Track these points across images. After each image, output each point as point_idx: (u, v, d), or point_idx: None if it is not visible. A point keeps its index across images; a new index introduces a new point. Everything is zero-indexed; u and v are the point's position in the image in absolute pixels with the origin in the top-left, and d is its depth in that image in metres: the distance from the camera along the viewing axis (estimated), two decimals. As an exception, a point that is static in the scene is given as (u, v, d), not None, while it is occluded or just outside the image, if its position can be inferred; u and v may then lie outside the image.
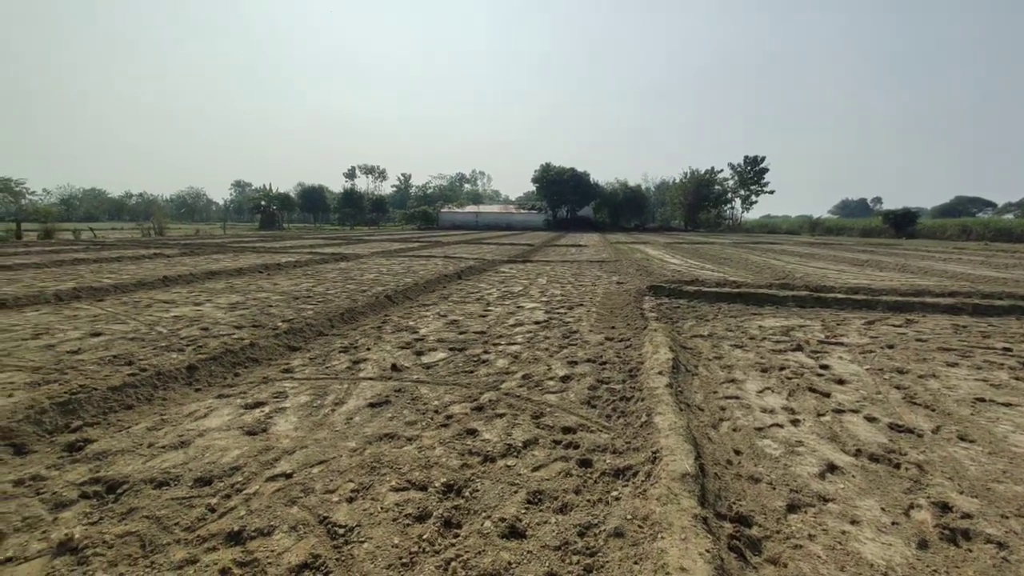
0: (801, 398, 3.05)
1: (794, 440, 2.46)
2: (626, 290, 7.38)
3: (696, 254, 16.48)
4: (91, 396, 2.72)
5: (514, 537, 1.67)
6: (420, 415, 2.69)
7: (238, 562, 1.54)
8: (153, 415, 2.68)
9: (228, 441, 2.36)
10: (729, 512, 1.83)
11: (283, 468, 2.10)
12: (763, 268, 11.39)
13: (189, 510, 1.81)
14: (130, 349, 3.78)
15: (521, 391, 3.08)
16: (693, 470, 1.95)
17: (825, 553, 1.62)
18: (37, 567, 1.52)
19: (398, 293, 6.67)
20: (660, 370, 3.28)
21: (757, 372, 3.56)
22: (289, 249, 15.48)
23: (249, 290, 7.04)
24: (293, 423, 2.58)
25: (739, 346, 4.29)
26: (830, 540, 1.69)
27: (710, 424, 2.65)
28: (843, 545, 1.66)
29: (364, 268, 10.24)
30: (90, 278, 7.82)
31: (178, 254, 12.94)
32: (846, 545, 1.66)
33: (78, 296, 6.25)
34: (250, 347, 3.81)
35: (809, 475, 2.12)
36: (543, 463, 2.18)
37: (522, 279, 8.98)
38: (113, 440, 2.36)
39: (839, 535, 1.71)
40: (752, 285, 7.62)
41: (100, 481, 1.99)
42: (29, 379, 3.07)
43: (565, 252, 16.65)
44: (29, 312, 5.28)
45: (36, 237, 20.92)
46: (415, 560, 1.55)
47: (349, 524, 1.72)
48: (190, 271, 8.93)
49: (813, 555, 1.61)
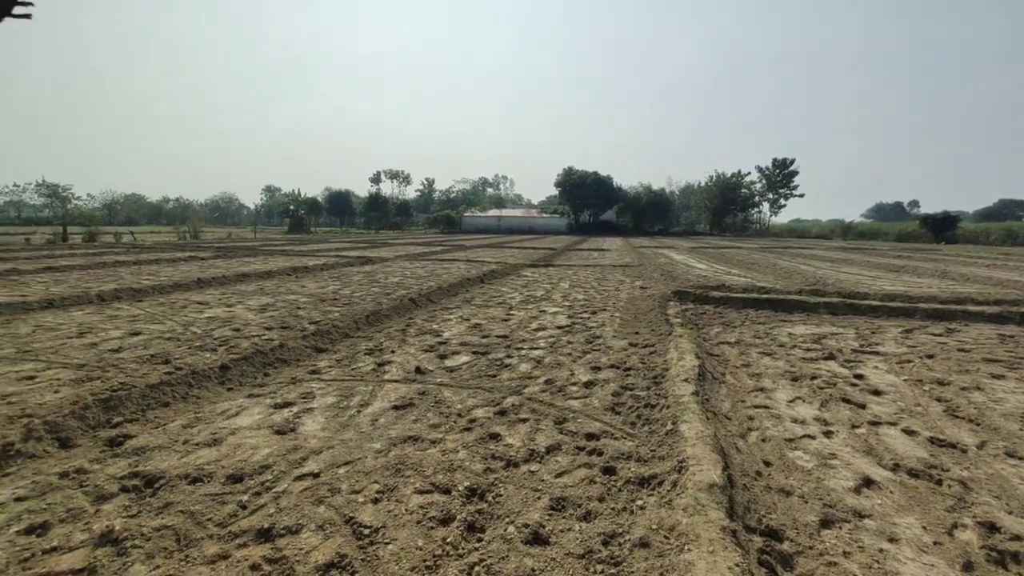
0: (834, 409, 2.95)
1: (827, 452, 2.38)
2: (650, 295, 7.28)
3: (722, 259, 16.15)
4: (131, 393, 2.83)
5: (538, 544, 1.66)
6: (444, 418, 2.71)
7: (268, 559, 1.57)
8: (188, 413, 2.77)
9: (258, 440, 2.42)
10: (759, 525, 1.78)
11: (311, 468, 2.15)
12: (792, 273, 11.08)
13: (221, 506, 1.86)
14: (167, 348, 3.93)
15: (544, 396, 3.07)
16: (721, 481, 1.91)
17: (862, 572, 1.56)
18: (80, 557, 1.59)
19: (422, 296, 6.74)
20: (686, 377, 3.22)
21: (787, 381, 3.46)
22: (316, 252, 15.84)
23: (278, 292, 7.23)
24: (320, 423, 2.63)
25: (768, 354, 4.18)
26: (867, 558, 1.62)
27: (738, 434, 2.58)
28: (881, 564, 1.59)
29: (388, 271, 10.39)
30: (130, 280, 8.16)
31: (211, 257, 13.39)
32: (884, 564, 1.59)
33: (119, 297, 6.53)
34: (279, 348, 3.91)
35: (844, 489, 2.05)
36: (566, 469, 2.16)
37: (544, 283, 8.96)
38: (151, 436, 2.45)
39: (877, 553, 1.65)
40: (781, 291, 7.42)
41: (139, 475, 2.07)
42: (74, 376, 3.22)
43: (587, 256, 16.55)
44: (75, 312, 5.54)
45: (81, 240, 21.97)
46: (439, 563, 1.56)
47: (374, 525, 1.74)
48: (223, 273, 9.23)
49: (848, 573, 1.55)
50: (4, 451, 2.19)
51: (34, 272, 9.05)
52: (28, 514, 1.80)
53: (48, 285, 7.39)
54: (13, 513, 1.81)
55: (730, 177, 60.37)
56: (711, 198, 60.50)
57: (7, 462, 2.16)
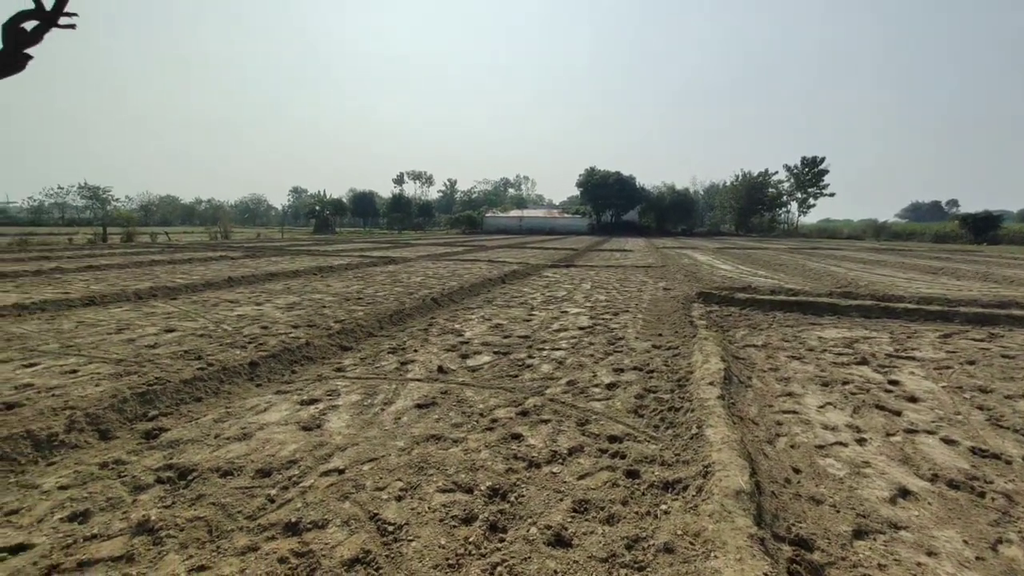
0: (867, 415, 2.85)
1: (860, 460, 2.30)
2: (673, 296, 7.17)
3: (748, 260, 15.79)
4: (165, 388, 2.93)
5: (560, 546, 1.65)
6: (466, 418, 2.73)
7: (295, 552, 1.61)
8: (219, 407, 2.86)
9: (286, 435, 2.48)
10: (788, 534, 1.73)
11: (336, 464, 2.19)
12: (822, 275, 10.76)
13: (251, 499, 1.91)
14: (199, 345, 4.06)
15: (566, 397, 3.05)
16: (748, 487, 1.87)
17: (898, 585, 1.50)
18: (118, 545, 1.65)
19: (443, 296, 6.80)
20: (711, 380, 3.16)
21: (817, 386, 3.36)
22: (341, 252, 16.14)
23: (304, 291, 7.39)
24: (345, 421, 2.67)
25: (797, 357, 4.06)
26: (904, 572, 1.56)
27: (766, 439, 2.52)
28: (919, 578, 1.53)
29: (411, 271, 10.51)
30: (164, 278, 8.46)
31: (241, 256, 13.78)
32: (922, 578, 1.53)
33: (154, 295, 6.78)
34: (306, 346, 4.00)
35: (878, 499, 1.97)
36: (589, 471, 2.15)
37: (566, 284, 8.92)
38: (184, 430, 2.54)
39: (915, 567, 1.58)
40: (810, 293, 7.21)
41: (173, 468, 2.14)
42: (113, 370, 3.35)
43: (609, 257, 16.41)
44: (113, 309, 5.78)
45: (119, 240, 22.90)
46: (461, 562, 1.57)
47: (398, 522, 1.76)
48: (252, 272, 9.48)
49: (884, 586, 1.50)
50: (49, 441, 2.30)
51: (76, 271, 9.47)
52: (71, 502, 1.89)
53: (89, 283, 7.72)
54: (57, 500, 1.90)
55: (757, 176, 58.97)
56: (737, 198, 59.20)
57: (52, 452, 2.27)
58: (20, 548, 1.63)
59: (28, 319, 5.10)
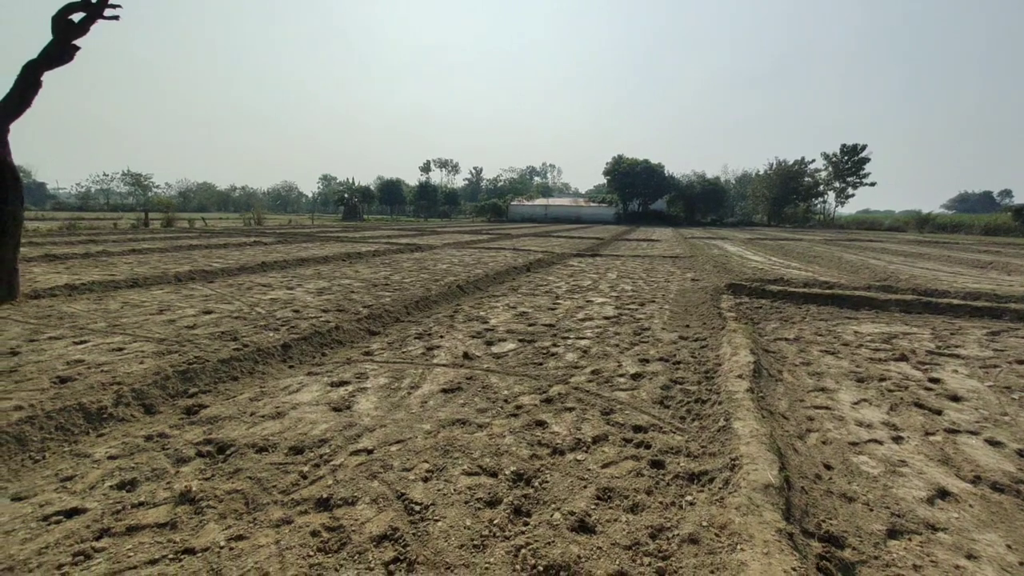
0: (905, 413, 2.74)
1: (896, 459, 2.23)
2: (702, 288, 7.03)
3: (781, 251, 15.30)
4: (204, 367, 3.06)
5: (583, 532, 1.66)
6: (491, 403, 2.76)
7: (326, 527, 1.67)
8: (254, 387, 2.97)
9: (317, 415, 2.56)
10: (818, 530, 1.70)
11: (365, 444, 2.25)
12: (860, 268, 10.34)
13: (284, 475, 1.99)
14: (235, 327, 4.21)
15: (590, 386, 3.05)
16: (777, 481, 1.83)
17: (934, 587, 1.46)
18: (163, 512, 1.75)
19: (469, 284, 6.84)
20: (740, 373, 3.10)
21: (852, 382, 3.26)
22: (368, 239, 16.40)
23: (334, 276, 7.56)
24: (373, 403, 2.74)
25: (831, 352, 3.94)
26: (940, 574, 1.51)
27: (796, 434, 2.46)
28: (956, 581, 1.48)
29: (437, 258, 10.60)
30: (202, 262, 8.78)
31: (273, 242, 14.17)
32: (960, 581, 1.48)
33: (193, 278, 7.05)
34: (335, 330, 4.10)
35: (915, 499, 1.91)
36: (613, 460, 2.15)
37: (591, 273, 8.85)
38: (222, 407, 2.65)
39: (952, 570, 1.53)
40: (847, 286, 6.95)
41: (212, 442, 2.24)
42: (155, 349, 3.52)
43: (636, 247, 16.16)
44: (155, 291, 6.04)
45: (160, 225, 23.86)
46: (486, 543, 1.60)
47: (424, 502, 1.81)
48: (283, 258, 9.75)
49: (918, 587, 1.45)
50: (99, 413, 2.44)
51: (121, 254, 9.92)
52: (119, 471, 2.00)
53: (133, 266, 8.09)
54: (107, 469, 2.02)
55: (792, 165, 56.77)
56: (770, 187, 57.16)
57: (102, 424, 2.40)
58: (75, 512, 1.74)
59: (78, 299, 5.38)
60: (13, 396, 2.58)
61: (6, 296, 5.00)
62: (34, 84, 5.10)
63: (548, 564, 1.49)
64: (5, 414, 2.26)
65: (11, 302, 5.01)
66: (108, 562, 1.49)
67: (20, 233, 5.16)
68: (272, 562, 1.50)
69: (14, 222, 5.01)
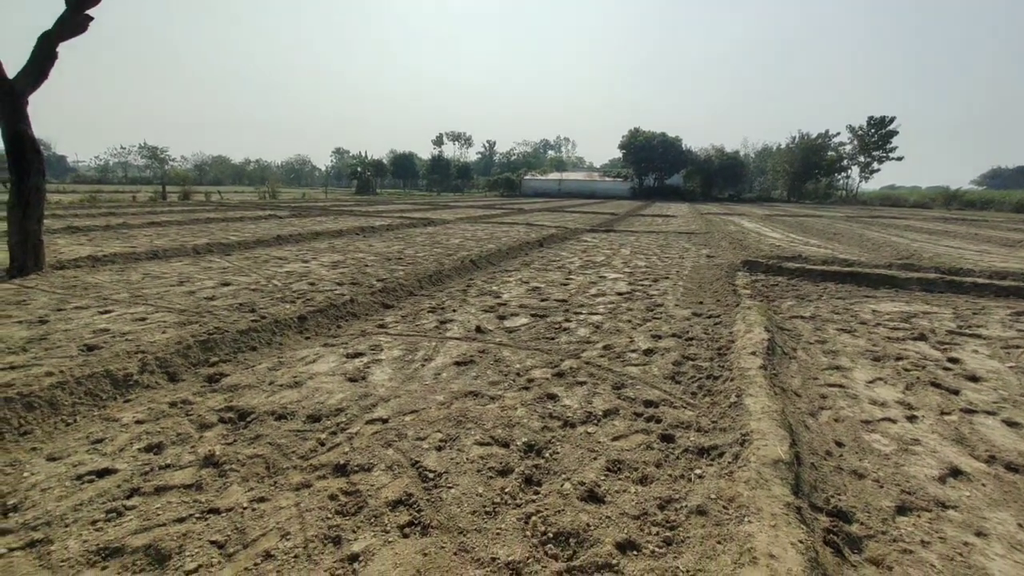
0: (921, 393, 2.71)
1: (909, 438, 2.22)
2: (717, 264, 6.94)
3: (800, 228, 14.97)
4: (224, 337, 3.14)
5: (593, 501, 1.70)
6: (503, 376, 2.79)
7: (344, 491, 1.73)
8: (272, 357, 3.04)
9: (333, 385, 2.62)
10: (826, 505, 1.71)
11: (379, 414, 2.31)
12: (881, 245, 10.09)
13: (303, 442, 2.06)
14: (252, 299, 4.29)
15: (602, 361, 3.06)
16: (787, 457, 1.84)
17: (941, 563, 1.47)
18: (188, 475, 1.83)
19: (482, 258, 6.84)
20: (753, 350, 3.08)
21: (867, 360, 3.22)
22: (381, 213, 16.41)
23: (348, 250, 7.62)
24: (388, 374, 2.80)
25: (847, 331, 3.88)
26: (948, 550, 1.52)
27: (808, 412, 2.46)
28: (964, 557, 1.49)
29: (450, 233, 10.59)
30: (219, 235, 8.90)
31: (288, 216, 14.27)
32: (968, 558, 1.49)
33: (211, 250, 7.16)
34: (350, 303, 4.15)
35: (926, 477, 1.91)
36: (623, 433, 2.17)
37: (605, 249, 8.78)
38: (242, 376, 2.73)
39: (960, 546, 1.54)
40: (867, 264, 6.80)
41: (233, 409, 2.32)
42: (177, 319, 3.61)
43: (651, 222, 15.94)
44: (175, 263, 6.16)
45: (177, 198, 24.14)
46: (498, 510, 1.64)
47: (438, 470, 1.86)
48: (298, 231, 9.83)
49: (925, 563, 1.47)
50: (125, 380, 2.53)
51: (140, 226, 10.10)
52: (146, 435, 2.09)
53: (152, 238, 8.23)
54: (135, 433, 2.11)
55: (815, 138, 54.82)
56: (791, 161, 55.38)
57: (128, 390, 2.49)
58: (106, 472, 1.83)
59: (101, 270, 5.52)
60: (44, 363, 2.69)
61: (33, 267, 5.15)
62: (50, 55, 5.11)
63: (558, 531, 1.53)
64: (37, 379, 2.36)
65: (37, 272, 5.16)
66: (139, 519, 1.57)
67: (43, 205, 5.26)
68: (293, 523, 1.56)
69: (37, 194, 5.11)
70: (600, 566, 1.40)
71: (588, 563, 1.41)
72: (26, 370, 2.56)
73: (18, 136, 4.95)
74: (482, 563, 1.41)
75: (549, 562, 1.42)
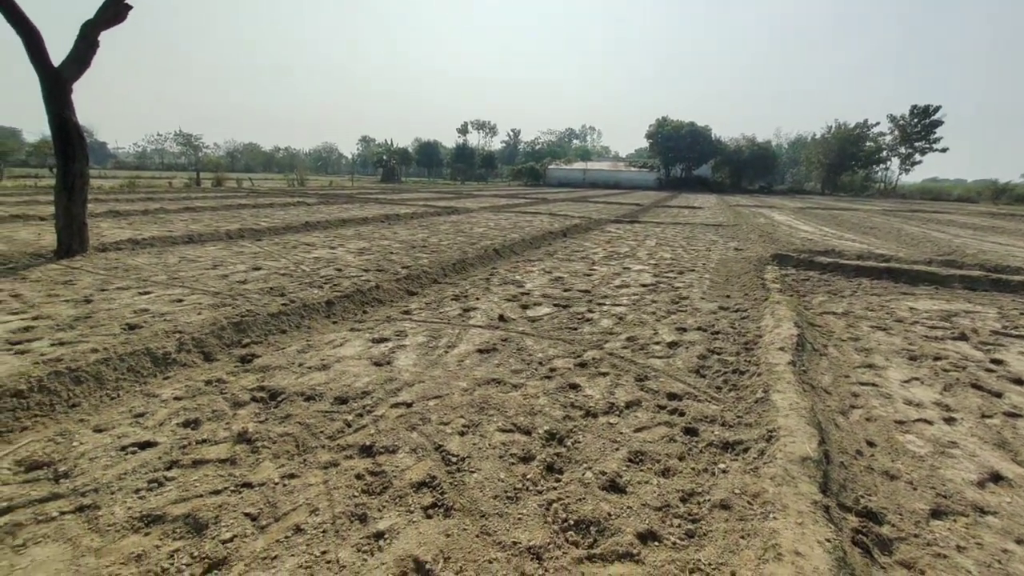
0: (960, 394, 2.61)
1: (946, 440, 2.14)
2: (745, 257, 6.77)
3: (834, 221, 14.45)
4: (256, 319, 3.24)
5: (614, 491, 1.70)
6: (525, 365, 2.80)
7: (369, 471, 1.78)
8: (301, 340, 3.13)
9: (359, 369, 2.68)
10: (855, 505, 1.67)
11: (404, 398, 2.35)
12: (921, 241, 9.66)
13: (331, 422, 2.11)
14: (282, 283, 4.40)
15: (625, 352, 3.04)
16: (816, 455, 1.80)
17: (978, 570, 1.42)
18: (223, 450, 1.90)
19: (505, 247, 6.85)
20: (782, 346, 3.01)
21: (903, 359, 3.11)
22: (406, 201, 16.55)
23: (373, 237, 7.72)
24: (412, 360, 2.84)
25: (882, 328, 3.75)
26: (986, 556, 1.47)
27: (838, 410, 2.40)
28: (1003, 565, 1.44)
29: (473, 222, 10.62)
30: (251, 221, 9.14)
31: (315, 203, 14.53)
32: (1007, 565, 1.43)
33: (243, 236, 7.37)
34: (375, 289, 4.22)
35: (964, 481, 1.84)
36: (646, 425, 2.16)
37: (629, 240, 8.66)
38: (272, 357, 2.81)
39: (999, 553, 1.48)
40: (904, 260, 6.53)
41: (264, 389, 2.40)
42: (211, 301, 3.74)
43: (677, 214, 15.63)
44: (209, 247, 6.37)
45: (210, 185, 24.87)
46: (519, 496, 1.66)
47: (461, 454, 1.89)
48: (326, 218, 10.01)
49: (960, 568, 1.42)
50: (164, 358, 2.64)
51: (176, 211, 10.45)
52: (184, 411, 2.18)
53: (188, 223, 8.51)
54: (173, 409, 2.20)
55: (853, 128, 52.58)
56: (826, 152, 53.31)
57: (167, 368, 2.61)
58: (147, 444, 1.92)
59: (140, 253, 5.75)
60: (90, 339, 2.82)
61: (78, 249, 5.40)
62: (92, 43, 5.29)
63: (579, 519, 1.54)
64: (84, 355, 2.48)
65: (82, 254, 5.40)
66: (178, 490, 1.65)
67: (87, 190, 5.49)
68: (321, 499, 1.61)
69: (81, 180, 5.33)
70: (621, 555, 1.41)
71: (609, 551, 1.42)
72: (73, 346, 2.70)
73: (64, 122, 5.16)
74: (503, 546, 1.43)
75: (570, 548, 1.43)
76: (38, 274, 4.47)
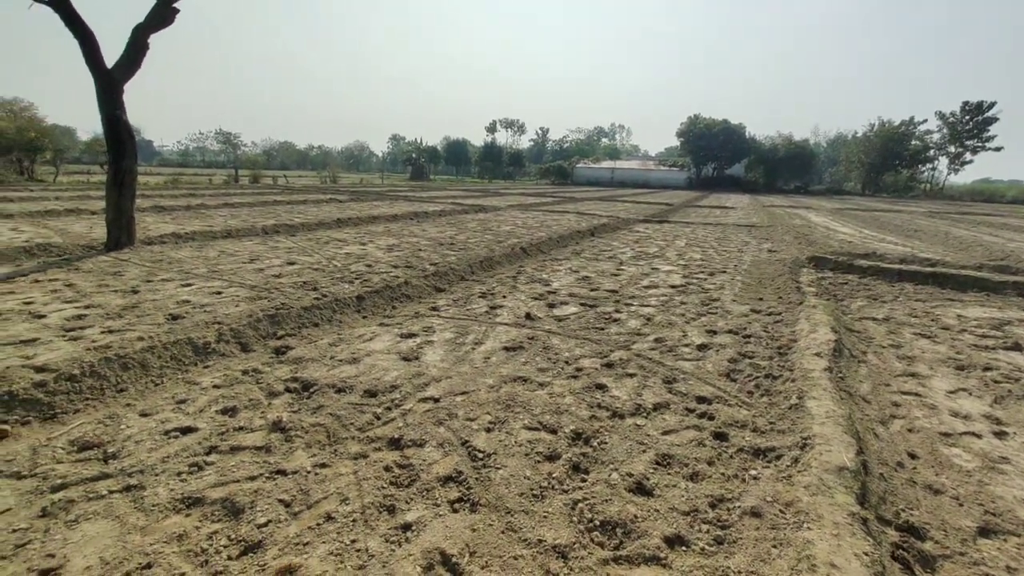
0: (1013, 408, 2.47)
1: (996, 455, 2.03)
2: (779, 260, 6.57)
3: (875, 223, 13.85)
4: (290, 312, 3.34)
5: (641, 494, 1.68)
6: (551, 364, 2.80)
7: (397, 464, 1.81)
8: (332, 333, 3.21)
9: (388, 363, 2.73)
10: (896, 519, 1.61)
11: (432, 393, 2.38)
12: (971, 245, 9.16)
13: (360, 414, 2.16)
14: (315, 278, 4.52)
15: (653, 354, 3.00)
16: (853, 465, 1.74)
17: (1029, 591, 1.34)
18: (259, 437, 1.97)
19: (532, 246, 6.84)
20: (818, 351, 2.91)
21: (949, 369, 2.96)
22: (435, 199, 16.73)
23: (403, 234, 7.84)
24: (440, 355, 2.88)
25: (926, 335, 3.58)
26: (1038, 578, 1.39)
27: (878, 419, 2.30)
28: (1058, 588, 1.36)
29: (501, 220, 10.65)
30: (285, 217, 9.41)
31: (347, 200, 14.85)
32: (1062, 589, 1.35)
33: (278, 231, 7.60)
34: (404, 285, 4.29)
35: (1015, 499, 1.74)
36: (674, 428, 2.13)
37: (658, 240, 8.53)
38: (305, 350, 2.90)
39: (1053, 575, 1.40)
40: (952, 265, 6.21)
41: (298, 380, 2.47)
42: (248, 294, 3.87)
43: (708, 214, 15.29)
44: (246, 241, 6.59)
45: (247, 181, 25.75)
46: (545, 494, 1.66)
47: (487, 451, 1.90)
48: (356, 215, 10.22)
49: (1010, 589, 1.35)
50: (204, 348, 2.75)
51: (216, 207, 10.85)
52: (222, 399, 2.27)
53: (227, 219, 8.84)
54: (212, 396, 2.29)
55: (898, 126, 50.11)
56: (868, 151, 50.90)
57: (207, 357, 2.72)
58: (189, 430, 2.01)
59: (183, 247, 6.00)
60: (136, 328, 2.97)
61: (126, 242, 5.68)
62: (142, 46, 5.55)
63: (605, 520, 1.53)
64: (131, 343, 2.61)
65: (130, 247, 5.68)
66: (217, 474, 1.72)
67: (135, 186, 5.77)
68: (351, 489, 1.65)
69: (130, 176, 5.60)
70: (647, 558, 1.39)
71: (635, 554, 1.41)
72: (121, 334, 2.85)
73: (115, 121, 5.43)
74: (529, 543, 1.43)
75: (595, 549, 1.43)
76: (90, 265, 4.73)
